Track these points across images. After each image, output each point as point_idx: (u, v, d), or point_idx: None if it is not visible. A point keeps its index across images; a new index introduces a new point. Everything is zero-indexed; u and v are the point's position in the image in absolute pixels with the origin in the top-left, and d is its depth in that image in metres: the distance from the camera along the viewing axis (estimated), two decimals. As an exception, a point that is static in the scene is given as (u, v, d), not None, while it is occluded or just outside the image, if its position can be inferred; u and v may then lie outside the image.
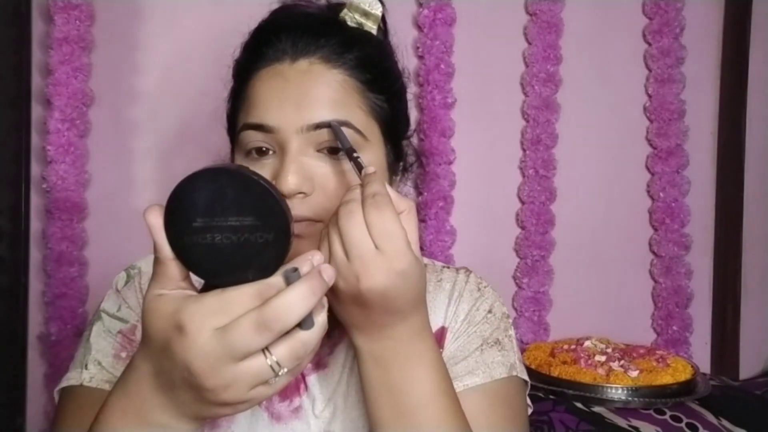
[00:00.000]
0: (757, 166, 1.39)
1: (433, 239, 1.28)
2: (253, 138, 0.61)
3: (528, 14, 1.33)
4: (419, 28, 1.29)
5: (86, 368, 0.66)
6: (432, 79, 1.27)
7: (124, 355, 0.66)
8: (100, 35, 1.20)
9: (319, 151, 0.60)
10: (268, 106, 0.60)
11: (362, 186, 0.53)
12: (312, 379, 0.68)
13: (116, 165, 1.22)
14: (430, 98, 1.27)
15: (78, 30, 1.16)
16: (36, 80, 1.19)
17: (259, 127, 0.61)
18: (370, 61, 0.64)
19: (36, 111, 1.20)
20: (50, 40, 1.16)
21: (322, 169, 0.60)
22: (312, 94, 0.60)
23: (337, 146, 0.60)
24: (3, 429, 1.16)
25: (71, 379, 0.66)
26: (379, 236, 0.50)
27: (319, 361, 0.69)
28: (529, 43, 1.32)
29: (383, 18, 0.69)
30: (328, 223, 0.53)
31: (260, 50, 0.63)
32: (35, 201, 1.20)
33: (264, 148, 0.61)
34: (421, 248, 1.27)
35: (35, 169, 1.20)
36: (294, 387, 0.68)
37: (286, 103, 0.60)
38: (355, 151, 0.57)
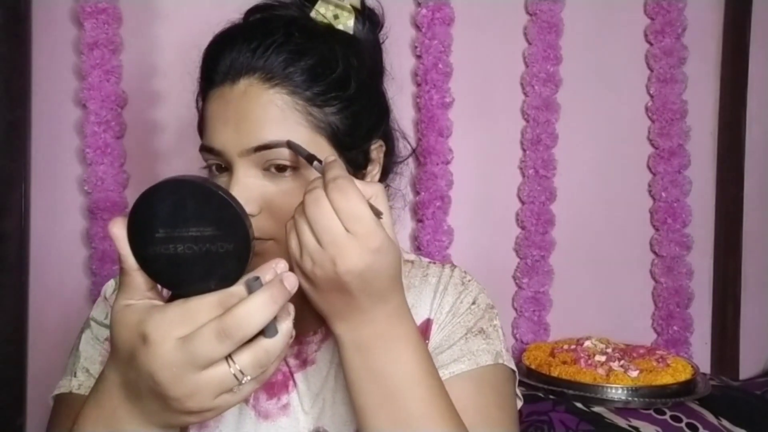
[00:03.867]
0: (757, 166, 1.39)
1: (431, 239, 1.28)
2: (208, 157, 0.64)
3: (528, 14, 1.33)
4: (417, 27, 1.28)
5: (75, 376, 0.67)
6: (430, 78, 1.27)
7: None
8: (127, 37, 1.22)
9: (266, 169, 0.60)
10: (213, 130, 0.62)
11: (323, 174, 0.53)
12: (300, 376, 0.69)
13: (152, 163, 1.24)
14: (427, 98, 1.27)
15: (106, 33, 1.18)
16: (72, 84, 1.21)
17: (209, 150, 0.62)
18: (318, 74, 0.62)
19: (74, 114, 1.22)
20: (82, 45, 1.18)
21: (267, 188, 0.61)
22: (250, 117, 0.60)
23: (284, 164, 0.60)
24: (3, 429, 1.16)
25: (62, 386, 0.68)
26: (348, 219, 0.50)
27: (307, 357, 0.70)
28: (529, 43, 1.32)
29: (363, 6, 0.68)
30: (293, 215, 0.53)
31: (207, 73, 0.64)
32: (81, 201, 1.23)
33: (219, 166, 0.63)
34: (418, 248, 1.28)
35: (78, 170, 1.22)
36: (282, 384, 0.69)
37: (227, 126, 0.61)
38: (315, 158, 0.57)
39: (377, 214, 0.52)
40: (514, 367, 0.71)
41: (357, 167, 0.66)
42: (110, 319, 0.46)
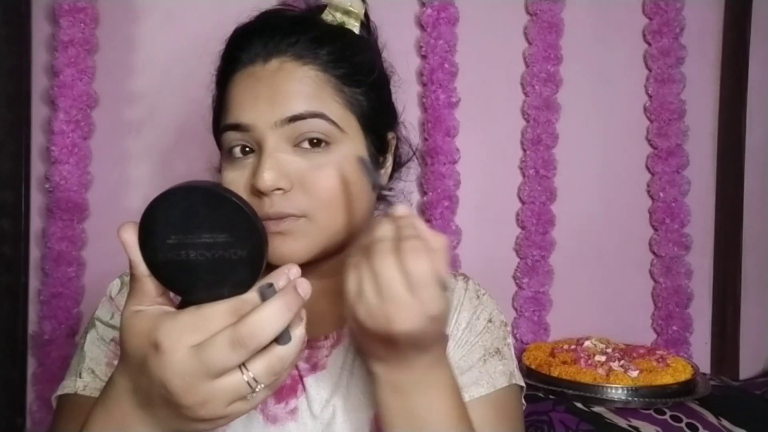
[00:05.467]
0: (757, 166, 1.39)
1: (438, 239, 1.27)
2: (233, 138, 0.63)
3: (528, 14, 1.33)
4: (422, 27, 1.28)
5: (80, 377, 0.67)
6: (436, 78, 1.27)
7: (116, 363, 0.67)
8: (103, 37, 1.21)
9: (296, 146, 0.61)
10: (243, 106, 0.62)
11: (396, 224, 0.51)
12: (310, 380, 0.68)
13: (117, 166, 1.23)
14: (434, 97, 1.27)
15: (83, 33, 1.17)
16: (42, 81, 1.20)
17: (236, 127, 0.62)
18: (344, 56, 0.64)
19: (41, 111, 1.20)
20: (56, 42, 1.17)
21: (299, 164, 0.61)
22: (284, 90, 0.61)
23: (318, 137, 0.61)
24: (3, 429, 1.16)
25: (66, 387, 0.67)
26: (415, 282, 0.49)
27: (318, 362, 0.69)
28: (530, 43, 1.32)
29: (366, 15, 0.70)
30: (357, 255, 0.52)
31: (234, 56, 0.64)
32: (37, 200, 1.21)
33: (244, 148, 0.62)
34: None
35: (39, 168, 1.20)
36: (290, 389, 0.68)
37: (259, 100, 0.61)
38: (384, 188, 0.58)
39: (443, 285, 0.51)
40: (523, 383, 0.73)
41: (378, 151, 0.68)
42: (120, 325, 0.46)
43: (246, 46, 0.63)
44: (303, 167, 0.61)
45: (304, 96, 0.61)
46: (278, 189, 0.60)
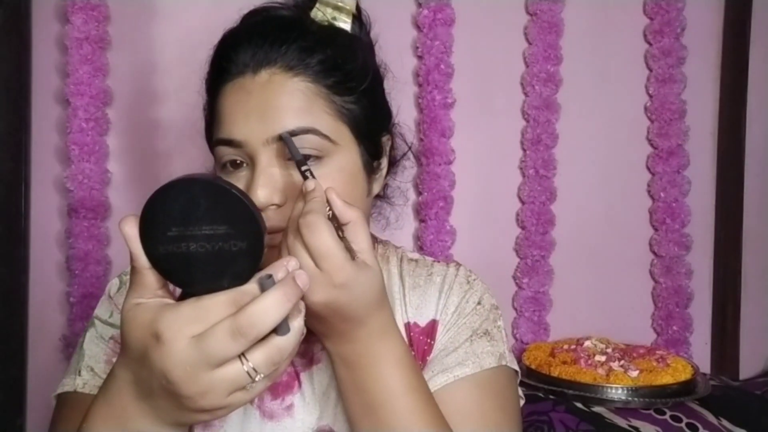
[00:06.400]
0: (757, 166, 1.39)
1: (434, 239, 1.28)
2: (225, 152, 0.63)
3: (528, 14, 1.33)
4: (419, 28, 1.28)
5: (79, 374, 0.67)
6: (432, 79, 1.27)
7: (116, 360, 0.67)
8: (114, 34, 1.21)
9: (289, 159, 0.61)
10: (234, 121, 0.61)
11: (305, 201, 0.54)
12: (306, 375, 0.69)
13: (135, 163, 1.23)
14: (429, 98, 1.27)
15: (97, 30, 1.18)
16: (54, 80, 1.20)
17: (228, 142, 0.62)
18: (335, 64, 0.63)
19: (55, 111, 1.21)
20: (69, 41, 1.17)
21: (292, 178, 0.61)
22: (275, 105, 0.60)
23: (309, 152, 0.60)
24: (3, 429, 1.16)
25: (66, 385, 0.68)
26: (316, 257, 0.51)
27: (313, 356, 0.70)
28: (530, 43, 1.32)
29: (359, 10, 0.69)
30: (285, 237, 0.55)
31: (223, 65, 0.64)
32: (56, 201, 1.21)
33: (237, 161, 0.62)
34: (421, 248, 1.28)
35: (57, 169, 1.21)
36: (287, 385, 0.69)
37: (250, 116, 0.60)
38: (305, 163, 0.58)
39: (350, 250, 0.53)
40: (517, 367, 0.72)
41: (372, 156, 0.67)
42: (121, 317, 0.46)
43: (234, 57, 0.62)
44: (296, 181, 0.61)
45: (295, 111, 0.60)
46: (272, 204, 0.60)
